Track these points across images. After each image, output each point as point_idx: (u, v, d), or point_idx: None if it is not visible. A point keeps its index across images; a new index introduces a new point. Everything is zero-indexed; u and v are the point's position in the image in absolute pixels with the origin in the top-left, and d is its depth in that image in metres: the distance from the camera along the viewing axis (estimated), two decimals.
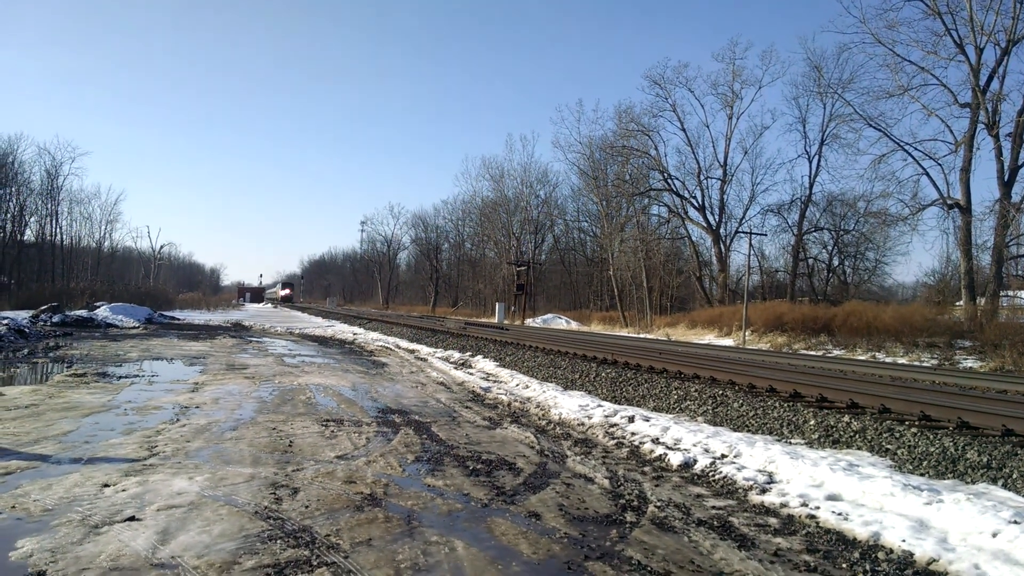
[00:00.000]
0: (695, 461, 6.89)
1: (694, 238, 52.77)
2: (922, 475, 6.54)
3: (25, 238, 55.16)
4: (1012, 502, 5.41)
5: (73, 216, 62.44)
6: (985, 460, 6.61)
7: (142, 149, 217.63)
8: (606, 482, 6.15)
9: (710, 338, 32.79)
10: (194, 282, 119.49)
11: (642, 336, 34.72)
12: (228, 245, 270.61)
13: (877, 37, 34.62)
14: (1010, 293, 32.30)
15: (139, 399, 9.89)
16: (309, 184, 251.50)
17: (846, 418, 8.41)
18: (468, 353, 18.46)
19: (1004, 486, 6.07)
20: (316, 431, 7.97)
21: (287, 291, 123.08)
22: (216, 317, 44.02)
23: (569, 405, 9.97)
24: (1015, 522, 4.71)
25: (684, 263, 53.64)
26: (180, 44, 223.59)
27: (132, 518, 4.66)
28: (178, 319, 37.52)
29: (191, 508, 4.92)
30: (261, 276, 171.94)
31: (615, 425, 8.76)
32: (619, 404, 10.38)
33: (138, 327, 28.52)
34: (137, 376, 12.55)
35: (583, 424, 8.96)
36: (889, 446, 7.42)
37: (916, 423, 8.09)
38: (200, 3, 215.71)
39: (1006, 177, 30.73)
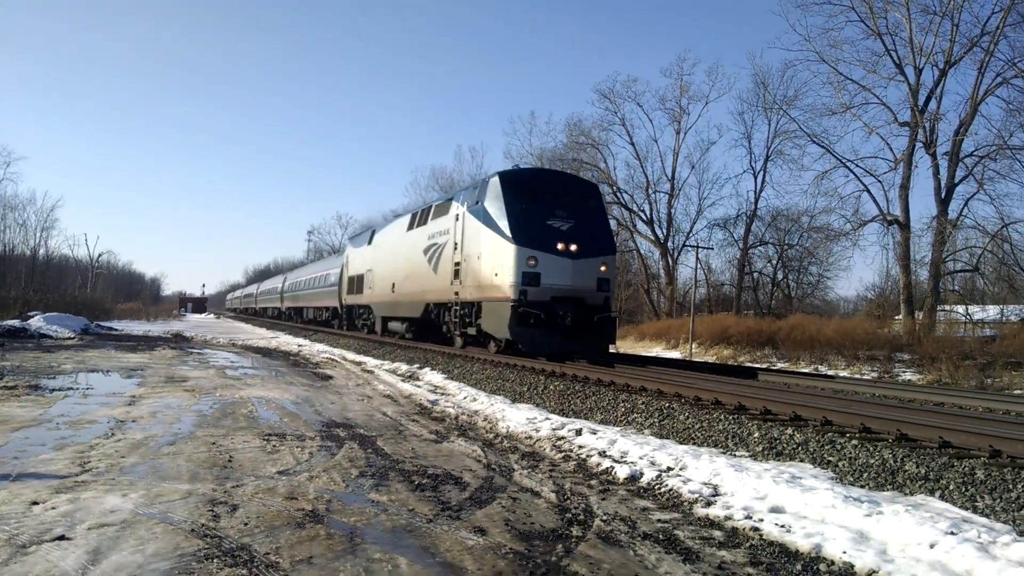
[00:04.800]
0: (641, 474, 6.89)
1: (643, 251, 53.38)
2: (862, 487, 6.65)
3: None
4: (949, 513, 5.53)
5: (7, 222, 60.70)
6: (923, 471, 6.76)
7: (81, 155, 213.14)
8: (553, 496, 6.12)
9: (658, 350, 33.11)
10: (134, 292, 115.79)
11: None
12: (169, 254, 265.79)
13: (821, 55, 35.62)
14: (947, 308, 33.42)
15: (73, 413, 9.53)
16: (254, 193, 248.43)
17: (789, 430, 8.52)
18: (416, 365, 18.29)
19: (941, 497, 6.20)
20: (257, 446, 7.77)
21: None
22: (156, 328, 42.93)
23: (517, 418, 9.92)
24: (952, 533, 4.82)
25: (633, 276, 54.21)
26: (118, 50, 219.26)
27: (62, 537, 4.47)
28: (116, 330, 36.45)
29: (124, 526, 4.73)
30: (204, 286, 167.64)
31: (562, 438, 8.74)
32: (567, 417, 10.36)
33: (74, 338, 27.59)
34: (71, 389, 12.10)
35: (531, 437, 8.92)
36: (831, 458, 7.54)
37: (857, 435, 8.24)
38: (141, 7, 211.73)
39: (943, 195, 31.88)
